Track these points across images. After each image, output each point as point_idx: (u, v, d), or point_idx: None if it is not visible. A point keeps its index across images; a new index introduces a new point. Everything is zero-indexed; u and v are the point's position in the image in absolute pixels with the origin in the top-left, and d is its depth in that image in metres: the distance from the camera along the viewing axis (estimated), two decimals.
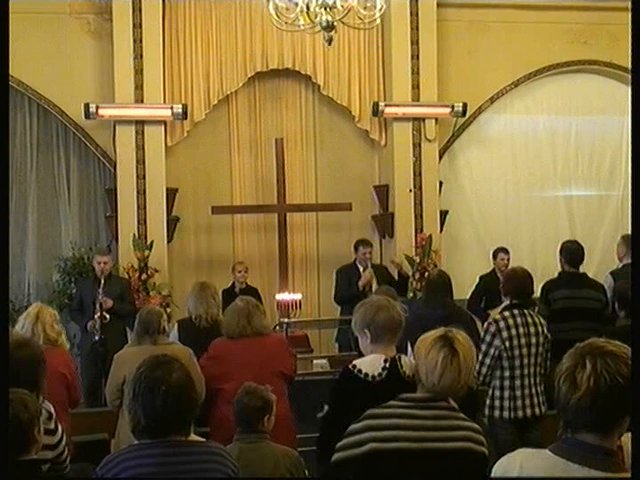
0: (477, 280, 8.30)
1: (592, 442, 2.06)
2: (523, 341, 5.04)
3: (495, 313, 6.03)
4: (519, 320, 5.08)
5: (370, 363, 3.48)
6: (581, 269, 6.52)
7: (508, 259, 8.18)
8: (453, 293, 5.79)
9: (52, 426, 3.46)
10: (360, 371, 3.46)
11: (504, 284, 5.36)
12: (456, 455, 2.85)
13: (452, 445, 2.85)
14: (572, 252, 6.45)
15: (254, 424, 3.85)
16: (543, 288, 6.40)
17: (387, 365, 3.44)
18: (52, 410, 3.52)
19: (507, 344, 5.02)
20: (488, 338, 5.06)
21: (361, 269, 7.95)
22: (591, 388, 2.00)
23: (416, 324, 5.07)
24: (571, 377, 2.04)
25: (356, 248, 8.07)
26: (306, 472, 3.95)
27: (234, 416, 3.96)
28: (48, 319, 4.86)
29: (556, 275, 6.57)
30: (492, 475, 2.23)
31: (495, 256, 8.33)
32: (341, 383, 3.58)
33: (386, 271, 8.28)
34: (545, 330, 5.18)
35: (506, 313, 5.12)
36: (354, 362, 3.54)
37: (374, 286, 7.72)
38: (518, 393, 5.04)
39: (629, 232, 6.35)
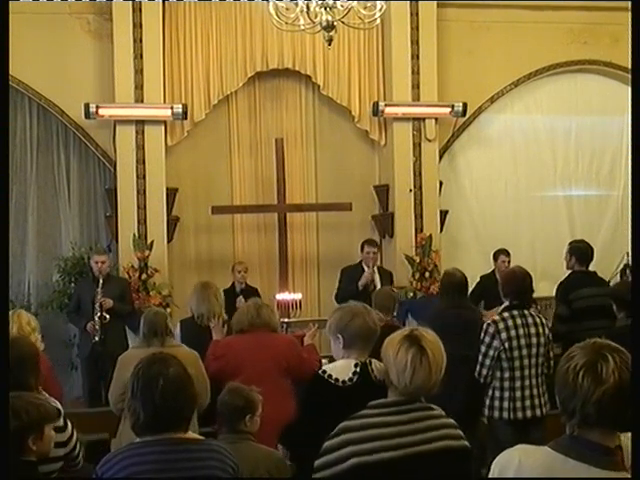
0: (478, 279, 8.30)
1: (593, 439, 2.06)
2: (523, 342, 5.04)
3: (489, 315, 6.03)
4: (519, 321, 5.07)
5: (340, 368, 3.43)
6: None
7: (509, 261, 8.17)
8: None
9: (61, 423, 3.43)
10: (330, 376, 3.40)
11: (503, 285, 5.33)
12: (438, 455, 2.81)
13: (432, 446, 2.80)
14: (582, 251, 6.48)
15: (235, 423, 3.82)
16: (559, 289, 6.40)
17: (358, 370, 3.39)
18: (60, 407, 3.50)
19: (506, 345, 5.02)
20: (487, 339, 5.06)
21: (366, 269, 7.93)
22: (617, 381, 2.01)
23: (437, 322, 4.90)
24: (593, 371, 2.03)
25: (362, 248, 8.08)
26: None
27: (217, 415, 3.93)
28: (22, 324, 4.85)
29: (568, 275, 6.54)
30: (492, 469, 2.22)
31: (496, 258, 8.34)
32: (312, 389, 3.53)
33: (390, 277, 8.25)
34: (547, 330, 5.17)
35: (505, 314, 5.11)
36: (324, 367, 3.50)
37: (377, 287, 7.72)
38: (518, 394, 5.04)
39: (629, 232, 6.34)
